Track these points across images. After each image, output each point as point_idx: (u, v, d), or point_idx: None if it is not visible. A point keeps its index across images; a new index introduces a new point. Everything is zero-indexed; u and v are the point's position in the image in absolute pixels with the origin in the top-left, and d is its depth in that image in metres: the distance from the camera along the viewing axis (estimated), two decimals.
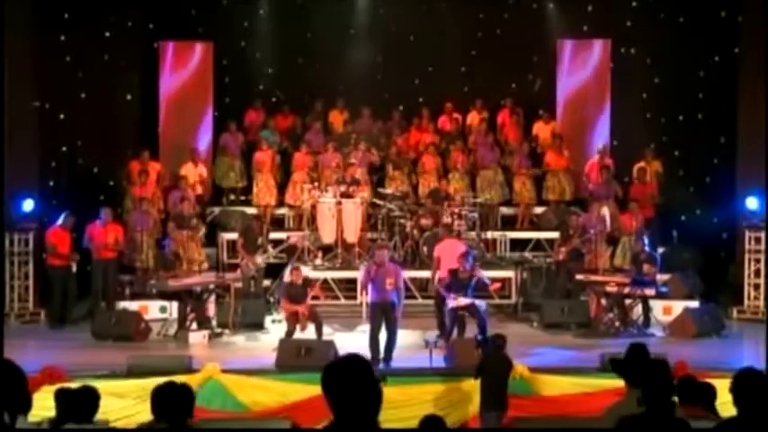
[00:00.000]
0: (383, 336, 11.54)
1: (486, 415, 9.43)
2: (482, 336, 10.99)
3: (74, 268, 13.88)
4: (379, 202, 15.89)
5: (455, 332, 12.18)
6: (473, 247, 14.70)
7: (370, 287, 11.87)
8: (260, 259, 14.35)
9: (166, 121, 17.37)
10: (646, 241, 13.85)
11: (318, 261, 15.28)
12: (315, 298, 13.09)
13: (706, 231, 15.90)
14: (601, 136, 17.33)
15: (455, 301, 12.02)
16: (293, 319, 12.34)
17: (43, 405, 6.33)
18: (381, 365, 11.19)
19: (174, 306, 13.51)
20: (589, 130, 17.62)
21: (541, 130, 17.55)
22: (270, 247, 14.73)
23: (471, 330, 11.93)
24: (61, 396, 6.22)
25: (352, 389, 3.49)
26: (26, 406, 4.35)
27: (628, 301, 13.33)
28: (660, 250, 14.55)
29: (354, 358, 3.67)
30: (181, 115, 17.41)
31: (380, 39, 18.01)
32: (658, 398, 4.50)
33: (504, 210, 17.11)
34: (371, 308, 11.86)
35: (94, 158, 16.40)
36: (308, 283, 12.88)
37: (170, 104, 17.36)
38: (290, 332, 12.31)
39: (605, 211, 15.11)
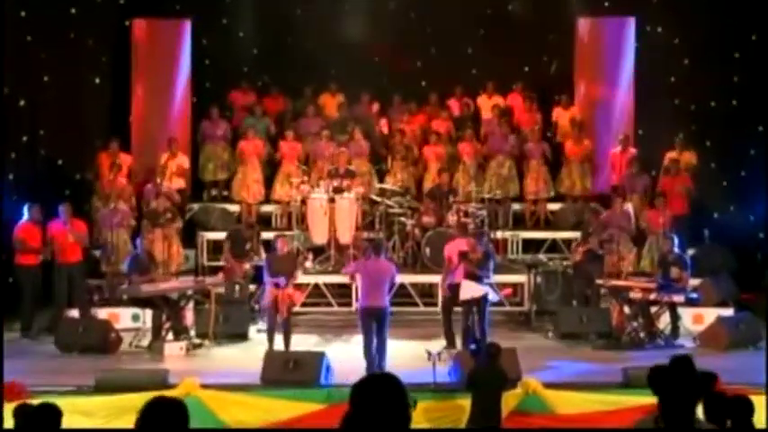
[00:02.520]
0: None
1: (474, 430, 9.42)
2: (476, 345, 11.02)
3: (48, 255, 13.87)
4: (376, 198, 15.87)
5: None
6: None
7: (361, 291, 11.91)
8: (247, 266, 14.32)
9: (140, 108, 17.32)
10: (675, 241, 13.80)
11: (309, 264, 15.24)
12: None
13: (741, 231, 15.91)
14: (624, 124, 17.32)
15: (467, 291, 12.11)
16: (274, 310, 12.33)
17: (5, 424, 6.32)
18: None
19: (147, 314, 13.45)
20: (611, 118, 17.60)
21: (560, 116, 17.56)
22: (262, 251, 14.68)
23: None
24: (21, 414, 6.18)
25: (383, 411, 3.51)
26: None
27: (654, 309, 13.32)
28: (690, 252, 14.54)
29: (389, 377, 3.73)
30: (156, 101, 17.37)
31: (378, 16, 17.98)
32: (679, 411, 4.49)
33: (516, 206, 17.12)
34: (362, 313, 11.93)
35: (59, 149, 16.35)
36: (294, 257, 12.83)
37: (143, 89, 17.31)
38: (271, 328, 12.35)
39: (630, 207, 15.08)
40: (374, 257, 12.18)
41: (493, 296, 12.50)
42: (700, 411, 5.03)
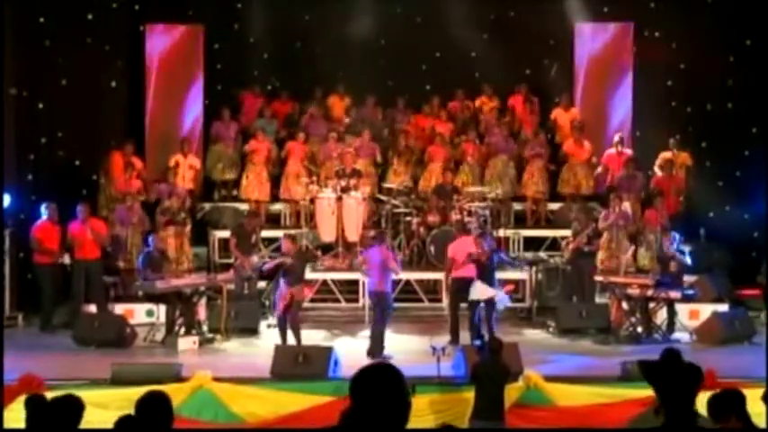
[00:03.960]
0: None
1: (477, 423, 9.40)
2: (480, 341, 11.03)
3: (66, 259, 13.91)
4: (382, 197, 15.87)
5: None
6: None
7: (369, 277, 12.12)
8: (256, 259, 14.31)
9: (154, 110, 17.36)
10: (677, 238, 13.73)
11: (318, 261, 15.25)
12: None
13: (736, 229, 15.88)
14: (622, 126, 17.30)
15: (477, 292, 12.18)
16: (286, 308, 12.31)
17: (19, 417, 6.32)
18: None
19: (161, 309, 13.49)
20: (609, 120, 17.58)
21: (560, 117, 17.50)
22: (263, 247, 14.67)
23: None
24: (32, 404, 6.18)
25: (380, 399, 3.50)
26: None
27: (651, 305, 13.30)
28: (686, 249, 14.51)
29: (386, 366, 3.72)
30: (169, 103, 17.41)
31: (384, 21, 17.95)
32: (680, 406, 4.47)
33: (518, 206, 17.10)
34: (371, 296, 12.21)
35: (76, 150, 16.37)
36: (303, 258, 12.86)
37: (157, 92, 17.34)
38: (283, 325, 12.32)
39: (627, 207, 15.08)
40: (377, 246, 12.30)
41: (501, 298, 12.56)
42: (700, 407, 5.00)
